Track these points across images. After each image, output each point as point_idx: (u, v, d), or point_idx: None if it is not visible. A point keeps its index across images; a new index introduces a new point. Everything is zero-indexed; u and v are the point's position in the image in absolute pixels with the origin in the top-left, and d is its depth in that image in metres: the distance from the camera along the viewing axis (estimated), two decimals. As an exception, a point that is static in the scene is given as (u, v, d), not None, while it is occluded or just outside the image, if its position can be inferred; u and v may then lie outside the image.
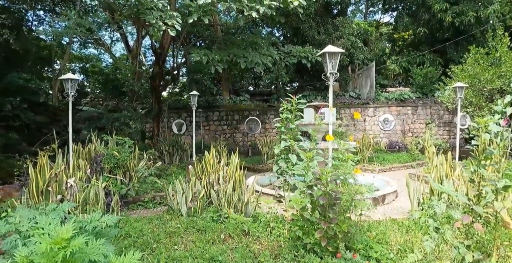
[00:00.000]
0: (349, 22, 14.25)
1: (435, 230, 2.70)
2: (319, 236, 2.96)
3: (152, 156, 8.09)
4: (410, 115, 14.07)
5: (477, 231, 2.75)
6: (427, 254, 2.79)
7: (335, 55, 4.22)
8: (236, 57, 8.25)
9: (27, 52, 14.84)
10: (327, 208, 2.97)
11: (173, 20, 6.85)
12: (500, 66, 9.65)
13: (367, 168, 9.80)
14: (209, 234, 3.88)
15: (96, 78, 22.32)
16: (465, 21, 13.79)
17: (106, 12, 13.39)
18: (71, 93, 6.02)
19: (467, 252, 2.68)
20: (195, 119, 9.77)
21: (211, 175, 5.03)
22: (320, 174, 2.95)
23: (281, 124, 3.99)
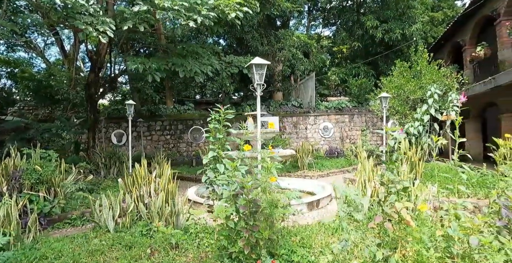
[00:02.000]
0: (290, 34, 14.87)
1: (347, 232, 2.88)
2: (242, 244, 3.00)
3: (84, 169, 7.57)
4: (347, 123, 14.97)
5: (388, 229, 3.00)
6: (337, 255, 2.96)
7: (261, 66, 4.36)
8: (175, 66, 8.13)
9: None
10: (249, 216, 3.02)
11: (105, 26, 6.57)
12: (421, 78, 10.72)
13: (307, 174, 10.18)
14: (135, 249, 3.72)
15: (26, 84, 20.43)
16: (393, 37, 15.19)
17: (37, 14, 12.45)
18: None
19: (378, 250, 2.90)
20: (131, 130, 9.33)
21: (142, 188, 4.84)
22: (240, 182, 3.00)
23: (210, 134, 4.00)
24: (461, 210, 2.73)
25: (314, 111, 14.91)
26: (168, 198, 4.76)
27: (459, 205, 2.73)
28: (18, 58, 22.63)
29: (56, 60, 24.86)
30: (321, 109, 15.08)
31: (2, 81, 22.87)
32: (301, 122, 14.83)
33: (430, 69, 10.71)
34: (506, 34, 9.49)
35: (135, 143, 14.47)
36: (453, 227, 2.36)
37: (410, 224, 2.66)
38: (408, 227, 2.82)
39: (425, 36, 16.36)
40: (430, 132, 8.19)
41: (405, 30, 14.95)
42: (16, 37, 13.98)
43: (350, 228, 2.79)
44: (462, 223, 2.37)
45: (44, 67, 22.13)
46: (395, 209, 2.65)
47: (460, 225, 2.41)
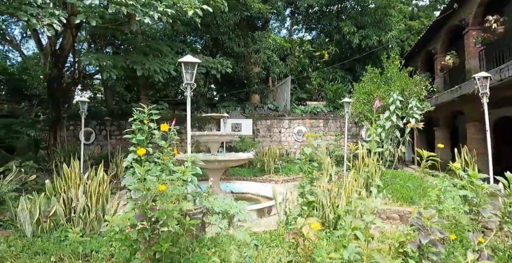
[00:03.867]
0: (267, 37, 14.73)
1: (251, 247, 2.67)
2: (141, 257, 2.76)
3: (29, 169, 7.20)
4: (322, 128, 14.87)
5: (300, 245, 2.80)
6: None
7: (192, 65, 4.14)
8: (133, 64, 7.84)
9: None
10: (149, 226, 2.78)
11: (53, 19, 6.25)
12: (391, 85, 10.70)
13: (272, 179, 9.99)
14: (41, 258, 3.44)
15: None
16: (370, 43, 15.22)
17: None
18: None
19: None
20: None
21: (70, 190, 4.54)
22: (141, 189, 2.76)
23: (132, 135, 3.75)
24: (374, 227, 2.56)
25: (289, 115, 14.76)
26: (98, 201, 4.49)
27: (368, 223, 2.54)
28: (-8, 50, 21.79)
29: (33, 54, 24.14)
30: (296, 113, 14.94)
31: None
32: (275, 125, 14.66)
33: (400, 76, 10.71)
34: (473, 43, 9.53)
35: (104, 142, 14.05)
36: (349, 250, 2.15)
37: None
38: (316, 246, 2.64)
39: (402, 44, 16.46)
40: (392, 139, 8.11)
41: (381, 37, 15.00)
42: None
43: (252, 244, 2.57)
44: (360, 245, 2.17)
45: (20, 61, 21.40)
46: (297, 225, 2.45)
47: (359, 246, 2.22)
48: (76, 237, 3.39)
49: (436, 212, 2.99)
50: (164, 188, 2.61)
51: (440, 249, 2.44)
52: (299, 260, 2.70)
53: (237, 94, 17.42)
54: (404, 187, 7.03)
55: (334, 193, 4.68)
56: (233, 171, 10.74)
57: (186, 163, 3.38)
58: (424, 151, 2.93)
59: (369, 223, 2.48)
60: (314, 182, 2.97)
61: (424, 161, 2.85)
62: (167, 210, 2.63)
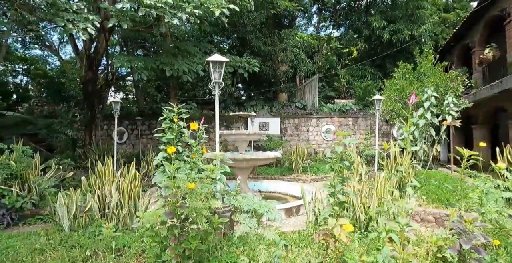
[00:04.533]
0: (294, 35, 14.57)
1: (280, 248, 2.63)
2: (171, 253, 2.80)
3: (67, 166, 7.57)
4: (351, 126, 14.51)
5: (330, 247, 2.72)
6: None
7: (219, 64, 4.15)
8: (163, 65, 8.02)
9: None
10: (178, 223, 2.82)
11: (88, 24, 6.52)
12: (424, 81, 10.23)
13: (300, 178, 9.87)
14: (77, 251, 3.59)
15: (39, 81, 21.00)
16: (401, 38, 14.64)
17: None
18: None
19: (316, 267, 2.63)
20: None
21: (104, 187, 4.72)
22: (171, 187, 2.80)
23: (162, 134, 3.82)
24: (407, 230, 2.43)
25: (317, 114, 14.53)
26: (130, 198, 4.64)
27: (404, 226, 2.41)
28: (34, 55, 23.17)
29: (70, 58, 25.37)
30: (324, 111, 14.67)
31: (19, 78, 23.54)
32: (303, 124, 14.48)
33: (434, 72, 10.21)
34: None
35: (135, 141, 14.53)
36: (384, 253, 2.05)
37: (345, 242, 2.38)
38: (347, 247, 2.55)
39: (436, 38, 15.68)
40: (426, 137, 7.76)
41: (413, 31, 14.37)
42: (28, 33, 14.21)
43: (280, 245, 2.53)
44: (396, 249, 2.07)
45: (58, 65, 22.58)
46: (328, 226, 2.37)
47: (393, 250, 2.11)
48: (110, 232, 3.51)
49: (478, 215, 2.81)
50: (193, 186, 2.63)
51: (483, 255, 2.27)
52: (329, 262, 2.63)
53: (265, 93, 17.40)
54: (440, 188, 6.68)
55: (365, 193, 4.53)
56: (260, 170, 10.72)
57: (215, 161, 3.39)
58: (465, 149, 2.75)
59: (405, 226, 2.36)
60: (345, 181, 2.87)
61: (465, 160, 2.67)
62: (197, 208, 2.64)
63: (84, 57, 13.67)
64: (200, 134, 3.76)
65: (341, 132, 3.01)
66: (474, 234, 2.34)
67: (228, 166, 8.20)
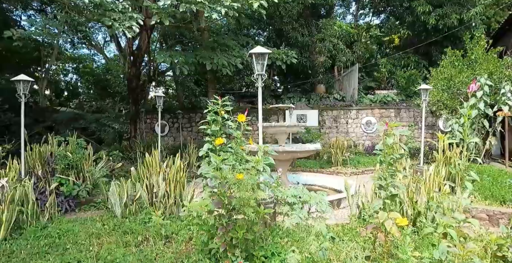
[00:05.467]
0: (332, 24, 14.15)
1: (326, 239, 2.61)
2: (218, 241, 2.90)
3: (115, 157, 8.04)
4: (393, 118, 13.92)
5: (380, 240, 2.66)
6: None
7: (262, 56, 4.14)
8: (202, 59, 8.19)
9: (12, 53, 14.92)
10: (225, 213, 2.90)
11: (133, 22, 6.81)
12: (475, 68, 9.52)
13: (340, 171, 9.70)
14: (130, 236, 3.83)
15: (87, 78, 22.38)
16: (449, 23, 13.68)
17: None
18: (23, 94, 5.98)
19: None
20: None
21: (152, 177, 4.97)
22: (218, 177, 2.88)
23: (207, 126, 3.92)
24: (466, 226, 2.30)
25: (356, 105, 14.10)
26: (175, 187, 4.84)
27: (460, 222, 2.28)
28: (82, 54, 24.68)
29: (114, 56, 26.68)
30: (364, 103, 14.18)
31: (69, 76, 25.25)
32: (342, 116, 14.13)
33: (487, 58, 9.45)
34: None
35: (176, 134, 15.07)
36: (441, 249, 1.96)
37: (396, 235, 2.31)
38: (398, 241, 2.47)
39: (488, 21, 14.45)
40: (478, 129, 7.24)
41: (462, 15, 13.34)
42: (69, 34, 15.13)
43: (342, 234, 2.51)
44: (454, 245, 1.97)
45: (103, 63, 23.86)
46: (378, 219, 2.31)
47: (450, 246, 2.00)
48: (159, 220, 3.69)
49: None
50: (242, 176, 2.68)
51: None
52: (377, 257, 2.57)
53: (302, 85, 17.17)
54: (493, 184, 6.24)
55: (412, 187, 4.35)
56: (299, 163, 10.67)
57: (259, 153, 3.42)
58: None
59: (462, 222, 2.24)
60: (396, 174, 2.77)
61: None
62: (244, 199, 2.70)
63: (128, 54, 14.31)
64: (245, 126, 3.80)
65: (392, 123, 2.89)
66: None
67: (269, 158, 8.24)
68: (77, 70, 24.07)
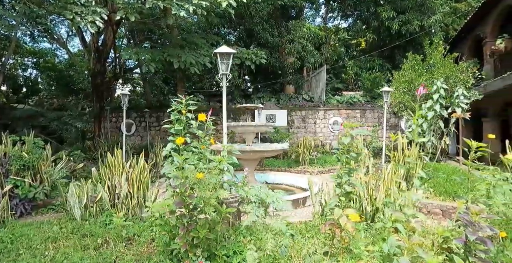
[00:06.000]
0: (301, 26, 14.41)
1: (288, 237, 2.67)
2: (180, 242, 2.87)
3: (77, 157, 7.71)
4: (358, 118, 14.41)
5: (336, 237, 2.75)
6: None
7: (227, 55, 4.15)
8: (170, 57, 8.04)
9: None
10: (187, 212, 2.88)
11: (96, 16, 6.55)
12: (434, 72, 10.08)
13: (307, 170, 9.91)
14: (88, 239, 3.69)
15: (48, 74, 21.21)
16: (411, 29, 14.39)
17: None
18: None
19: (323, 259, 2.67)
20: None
21: (114, 178, 4.81)
22: (179, 177, 2.85)
23: (171, 126, 3.87)
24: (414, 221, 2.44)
25: (324, 106, 14.46)
26: (139, 188, 4.73)
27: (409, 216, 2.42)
28: (43, 48, 23.30)
29: (78, 51, 25.45)
30: (332, 103, 14.58)
31: (29, 71, 23.77)
32: (310, 116, 14.43)
33: (444, 63, 10.05)
34: (529, 25, 8.68)
35: (143, 133, 14.69)
36: (390, 243, 2.07)
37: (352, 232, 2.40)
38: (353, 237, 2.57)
39: (447, 28, 15.37)
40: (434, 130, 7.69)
41: (423, 22, 14.10)
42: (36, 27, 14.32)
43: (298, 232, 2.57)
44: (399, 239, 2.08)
45: (67, 58, 22.69)
46: (334, 216, 2.40)
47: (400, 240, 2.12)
48: (120, 222, 3.59)
49: (485, 207, 2.81)
50: (201, 176, 2.68)
51: (490, 246, 2.28)
52: (335, 252, 2.66)
53: (272, 85, 17.33)
54: (447, 180, 6.65)
55: (372, 185, 4.55)
56: (267, 162, 10.78)
57: (222, 152, 3.43)
58: (473, 141, 2.74)
59: (411, 216, 2.38)
60: (352, 173, 2.89)
61: (473, 152, 2.67)
62: (205, 198, 2.69)
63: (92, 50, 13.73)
64: (209, 125, 3.79)
65: (349, 123, 3.00)
66: (481, 226, 2.34)
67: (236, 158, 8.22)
68: (38, 65, 22.68)
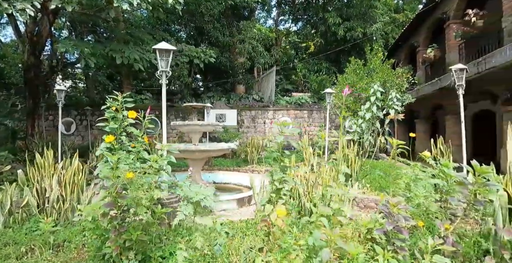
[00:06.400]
0: (252, 26, 14.57)
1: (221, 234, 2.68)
2: (112, 245, 2.75)
3: (4, 159, 7.01)
4: (306, 119, 14.95)
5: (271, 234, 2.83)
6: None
7: (167, 52, 4.07)
8: (112, 52, 7.64)
9: None
10: (119, 214, 2.77)
11: (27, 4, 6.01)
12: (373, 76, 10.80)
13: (255, 169, 10.04)
14: (11, 248, 3.38)
15: (-25, 67, 18.98)
16: (355, 35, 15.27)
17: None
18: None
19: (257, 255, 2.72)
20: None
21: (44, 180, 4.45)
22: (110, 177, 2.73)
23: (105, 124, 3.68)
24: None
25: (273, 106, 14.77)
26: (72, 191, 4.43)
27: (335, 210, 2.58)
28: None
29: (11, 41, 23.13)
30: (281, 104, 14.95)
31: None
32: (259, 116, 14.65)
33: (382, 68, 10.81)
34: (453, 37, 9.67)
35: (85, 132, 13.79)
36: (315, 236, 2.18)
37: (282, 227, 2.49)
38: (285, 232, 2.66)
39: (387, 36, 16.58)
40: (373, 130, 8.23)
41: (366, 29, 15.06)
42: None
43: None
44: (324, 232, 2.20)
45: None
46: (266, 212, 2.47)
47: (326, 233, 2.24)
48: (48, 227, 3.34)
49: (403, 199, 3.08)
50: (131, 175, 2.59)
51: (405, 235, 2.51)
52: (271, 248, 2.74)
53: (223, 85, 17.28)
54: (382, 176, 7.17)
55: (312, 182, 4.74)
56: (216, 162, 10.73)
57: (159, 151, 3.35)
58: (394, 140, 2.99)
59: (337, 210, 2.53)
60: (287, 170, 2.99)
61: (394, 149, 2.91)
62: (136, 198, 2.61)
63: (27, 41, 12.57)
64: (146, 124, 3.66)
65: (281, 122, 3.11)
66: (398, 216, 2.57)
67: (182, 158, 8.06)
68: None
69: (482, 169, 2.78)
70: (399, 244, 2.52)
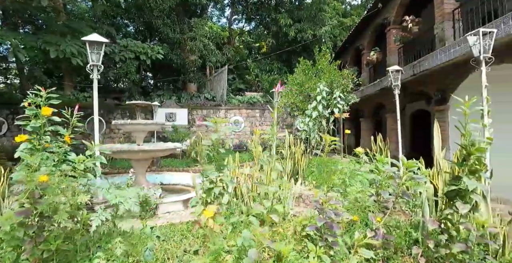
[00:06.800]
0: (203, 24, 14.33)
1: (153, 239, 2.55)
2: (29, 257, 2.48)
3: None
4: (258, 118, 15.06)
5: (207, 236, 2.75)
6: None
7: (98, 45, 3.81)
8: (46, 45, 7.01)
9: None
10: (35, 222, 2.51)
11: None
12: (320, 77, 11.15)
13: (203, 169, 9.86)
14: None
15: None
16: (305, 37, 15.68)
17: None
18: None
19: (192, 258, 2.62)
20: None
21: (-45, 186, 3.93)
22: (24, 181, 2.46)
23: (26, 122, 3.33)
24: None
25: (225, 105, 14.66)
26: (-9, 198, 3.97)
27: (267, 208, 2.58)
28: None
29: None
30: (233, 103, 14.89)
31: None
32: (211, 115, 14.46)
33: (329, 69, 11.20)
34: (393, 41, 10.32)
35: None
36: (244, 236, 2.14)
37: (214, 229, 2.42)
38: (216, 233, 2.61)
39: (335, 39, 17.28)
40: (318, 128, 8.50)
41: (316, 31, 15.54)
42: None
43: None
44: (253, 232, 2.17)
45: None
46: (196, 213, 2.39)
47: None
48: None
49: (337, 194, 3.18)
50: (45, 178, 2.35)
51: (335, 230, 2.57)
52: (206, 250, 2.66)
53: (174, 83, 16.80)
54: (325, 172, 7.40)
55: (256, 180, 4.74)
56: (165, 162, 10.37)
57: (88, 152, 3.10)
58: (327, 136, 3.07)
59: (269, 208, 2.52)
60: (223, 169, 2.93)
61: (328, 145, 2.99)
62: (54, 204, 2.38)
63: None
64: (74, 122, 3.38)
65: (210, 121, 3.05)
66: (330, 212, 2.63)
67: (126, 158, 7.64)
68: None
69: (409, 163, 2.95)
70: (331, 240, 2.59)
